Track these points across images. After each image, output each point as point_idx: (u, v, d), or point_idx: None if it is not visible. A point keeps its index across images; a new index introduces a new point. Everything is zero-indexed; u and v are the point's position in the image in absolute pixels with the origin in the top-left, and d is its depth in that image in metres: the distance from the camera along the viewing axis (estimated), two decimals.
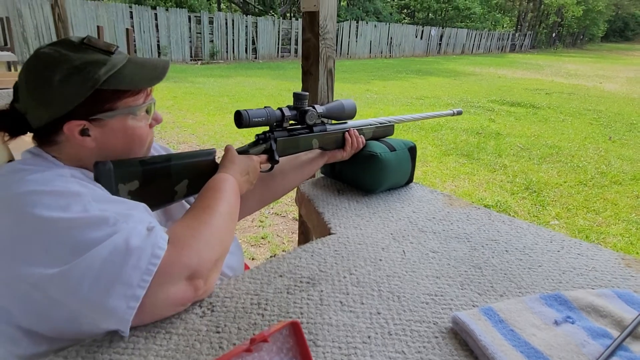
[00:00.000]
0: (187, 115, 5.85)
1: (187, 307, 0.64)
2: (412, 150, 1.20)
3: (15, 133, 0.70)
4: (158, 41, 12.35)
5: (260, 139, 0.94)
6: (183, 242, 0.60)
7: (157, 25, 12.26)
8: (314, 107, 0.99)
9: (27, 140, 0.72)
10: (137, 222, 0.60)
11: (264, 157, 0.92)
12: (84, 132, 0.68)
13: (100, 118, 0.68)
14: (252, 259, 2.42)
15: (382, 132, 1.19)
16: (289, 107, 0.95)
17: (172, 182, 0.80)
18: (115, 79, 0.68)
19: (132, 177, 0.73)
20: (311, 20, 1.33)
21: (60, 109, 0.65)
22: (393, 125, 1.21)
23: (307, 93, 0.97)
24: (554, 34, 35.54)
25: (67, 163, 0.69)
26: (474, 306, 0.69)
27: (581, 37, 41.68)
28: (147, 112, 0.76)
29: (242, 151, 0.90)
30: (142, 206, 0.67)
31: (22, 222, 0.57)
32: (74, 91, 0.65)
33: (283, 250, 2.51)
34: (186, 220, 0.66)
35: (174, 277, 0.58)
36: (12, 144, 0.74)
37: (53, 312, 0.57)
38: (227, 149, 0.88)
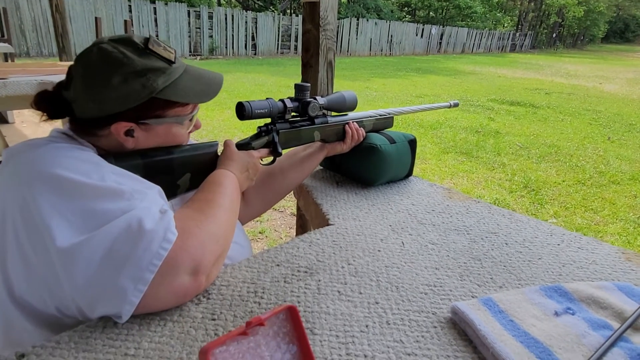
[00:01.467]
0: None
1: (185, 302, 0.63)
2: (412, 143, 1.20)
3: (54, 116, 0.70)
4: (157, 35, 12.29)
5: (262, 131, 0.93)
6: (189, 232, 0.59)
7: (156, 20, 12.20)
8: (315, 99, 0.98)
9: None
10: (151, 202, 0.59)
11: (264, 151, 0.91)
12: (129, 133, 0.69)
13: (149, 123, 0.70)
14: None
15: (382, 124, 1.18)
16: (290, 98, 0.94)
17: (174, 175, 0.79)
18: (171, 89, 0.69)
19: (133, 170, 0.72)
20: (312, 11, 1.31)
21: (112, 109, 0.66)
22: (392, 118, 1.21)
23: (309, 84, 0.96)
24: (554, 34, 35.55)
25: (97, 150, 0.69)
26: (473, 297, 0.69)
27: (582, 37, 41.71)
28: (191, 120, 0.78)
29: (244, 144, 0.89)
30: (158, 189, 0.66)
31: (39, 180, 0.57)
32: (130, 95, 0.65)
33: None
34: (189, 212, 0.65)
35: (179, 268, 0.56)
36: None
37: (57, 288, 0.56)
38: (226, 144, 0.86)
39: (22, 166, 0.60)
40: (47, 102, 0.69)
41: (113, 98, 0.65)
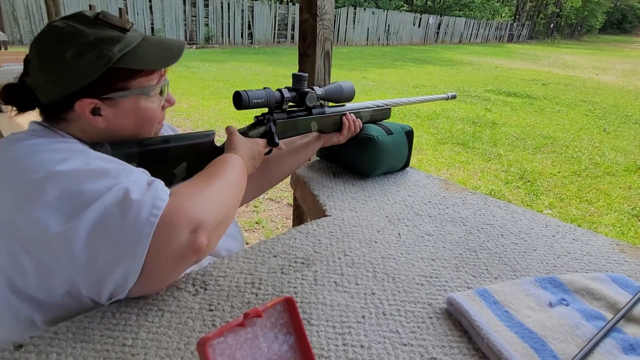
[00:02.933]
0: (181, 99, 5.78)
1: (187, 267, 0.61)
2: (409, 134, 1.19)
3: (23, 108, 0.68)
4: (152, 23, 12.14)
5: (259, 121, 0.92)
6: (187, 195, 0.59)
7: (151, 8, 12.04)
8: (313, 89, 0.97)
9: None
10: (137, 177, 0.59)
11: (262, 141, 0.90)
12: (95, 111, 0.67)
13: (113, 97, 0.67)
14: (246, 244, 2.41)
15: (379, 115, 1.18)
16: (288, 88, 0.93)
17: (170, 164, 0.78)
18: (130, 57, 0.66)
19: (129, 159, 0.71)
20: (309, 0, 1.30)
21: (72, 86, 0.64)
22: (390, 109, 1.20)
23: (307, 74, 0.95)
24: (552, 25, 35.41)
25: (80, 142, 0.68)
26: (468, 288, 0.69)
27: (579, 28, 41.57)
28: (161, 93, 0.75)
29: (241, 133, 0.88)
30: (145, 171, 0.65)
31: (23, 175, 0.56)
32: (86, 68, 0.63)
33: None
34: (191, 181, 0.66)
35: (177, 227, 0.55)
36: None
37: (55, 275, 0.56)
38: (230, 132, 0.85)
39: (4, 165, 0.59)
40: (12, 94, 0.67)
41: (70, 74, 0.63)
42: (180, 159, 0.79)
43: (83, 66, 0.62)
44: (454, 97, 1.27)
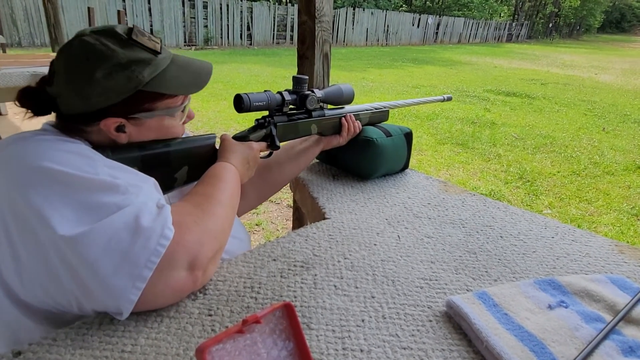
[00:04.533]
0: None
1: (182, 298, 0.63)
2: (408, 136, 1.19)
3: (39, 113, 0.68)
4: (151, 25, 12.14)
5: (260, 124, 0.92)
6: (187, 227, 0.58)
7: (150, 9, 12.03)
8: (313, 92, 0.97)
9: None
10: (147, 197, 0.58)
11: (263, 144, 0.90)
12: (119, 129, 0.67)
13: (139, 117, 0.68)
14: None
15: (378, 117, 1.18)
16: (288, 91, 0.93)
17: (172, 168, 0.78)
18: (159, 81, 0.67)
19: (131, 163, 0.71)
20: (307, 2, 1.30)
21: (98, 104, 0.64)
22: (388, 111, 1.20)
23: (307, 77, 0.95)
24: (550, 24, 35.42)
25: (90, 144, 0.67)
26: (468, 290, 0.69)
27: (578, 27, 41.59)
28: (183, 110, 0.76)
29: (242, 136, 0.87)
30: (152, 181, 0.65)
31: (29, 175, 0.55)
32: (115, 89, 0.63)
33: (277, 237, 2.51)
34: (188, 207, 0.64)
35: (176, 263, 0.56)
36: None
37: (53, 283, 0.56)
38: (222, 138, 0.85)
39: (10, 162, 0.58)
40: (31, 99, 0.67)
41: (98, 93, 0.63)
42: (182, 163, 0.79)
43: (112, 87, 0.63)
44: (449, 99, 1.29)
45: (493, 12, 29.24)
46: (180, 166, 0.79)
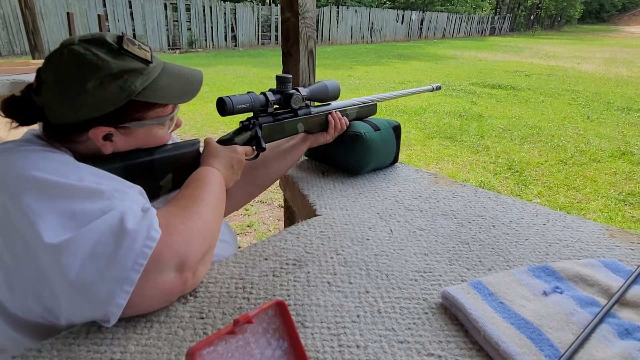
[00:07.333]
0: None
1: (172, 301, 0.61)
2: (397, 129, 1.19)
3: (24, 123, 0.66)
4: (133, 29, 11.98)
5: (244, 126, 0.90)
6: (174, 228, 0.57)
7: (131, 14, 11.88)
8: (298, 90, 0.95)
9: None
10: (132, 201, 0.57)
11: (249, 148, 0.88)
12: (107, 137, 0.66)
13: (129, 127, 0.67)
14: (238, 247, 2.39)
15: (366, 111, 1.17)
16: (272, 90, 0.92)
17: (156, 177, 0.76)
18: (150, 90, 0.66)
19: (114, 173, 0.69)
20: None
21: (88, 114, 0.62)
22: (376, 105, 1.20)
23: (291, 76, 0.94)
24: (532, 17, 35.84)
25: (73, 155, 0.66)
26: (462, 281, 0.69)
27: (559, 19, 42.14)
28: (172, 119, 0.75)
29: (227, 140, 0.86)
30: (138, 188, 0.64)
31: (14, 184, 0.54)
32: (107, 99, 0.62)
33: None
34: (174, 209, 0.63)
35: (164, 265, 0.55)
36: None
37: (42, 291, 0.54)
38: (206, 142, 0.84)
39: None
40: (16, 109, 0.65)
41: (90, 103, 0.61)
42: (166, 171, 0.77)
43: (104, 97, 0.61)
44: (438, 88, 1.27)
45: (476, 6, 29.49)
46: (165, 174, 0.77)
